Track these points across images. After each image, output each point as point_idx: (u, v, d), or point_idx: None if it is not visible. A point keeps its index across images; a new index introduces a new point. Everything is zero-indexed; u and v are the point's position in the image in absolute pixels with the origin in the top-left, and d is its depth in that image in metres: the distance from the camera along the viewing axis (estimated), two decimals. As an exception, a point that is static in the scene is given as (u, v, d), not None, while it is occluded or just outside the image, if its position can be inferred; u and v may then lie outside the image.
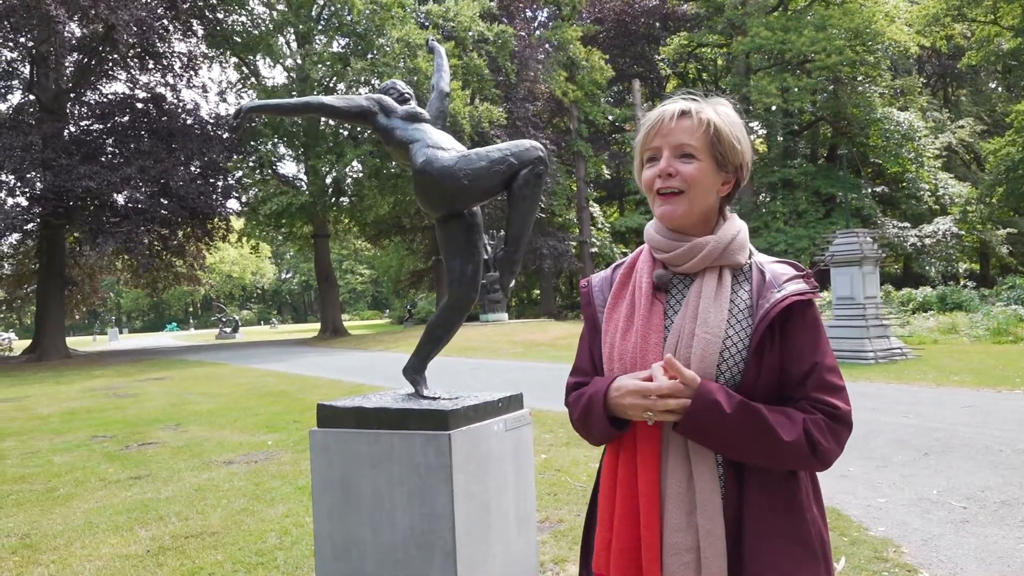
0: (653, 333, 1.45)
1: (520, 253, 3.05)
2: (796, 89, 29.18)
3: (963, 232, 29.60)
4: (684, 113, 1.46)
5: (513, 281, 3.22)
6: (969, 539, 4.03)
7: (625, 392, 1.39)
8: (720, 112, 1.49)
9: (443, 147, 2.98)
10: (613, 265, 1.64)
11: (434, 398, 2.98)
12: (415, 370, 3.14)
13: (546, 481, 5.39)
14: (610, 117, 36.44)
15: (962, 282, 25.04)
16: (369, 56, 27.84)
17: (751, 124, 32.56)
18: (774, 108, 29.95)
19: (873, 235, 14.29)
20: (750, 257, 1.51)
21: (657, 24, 37.30)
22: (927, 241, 28.96)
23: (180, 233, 27.88)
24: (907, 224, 30.15)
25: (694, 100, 1.49)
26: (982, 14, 27.86)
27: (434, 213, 3.01)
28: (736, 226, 1.51)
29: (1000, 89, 41.89)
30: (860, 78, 31.54)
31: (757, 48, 30.15)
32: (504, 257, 3.06)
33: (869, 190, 31.58)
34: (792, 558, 1.38)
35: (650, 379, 1.38)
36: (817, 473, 1.49)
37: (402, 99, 3.27)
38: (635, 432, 1.44)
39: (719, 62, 38.92)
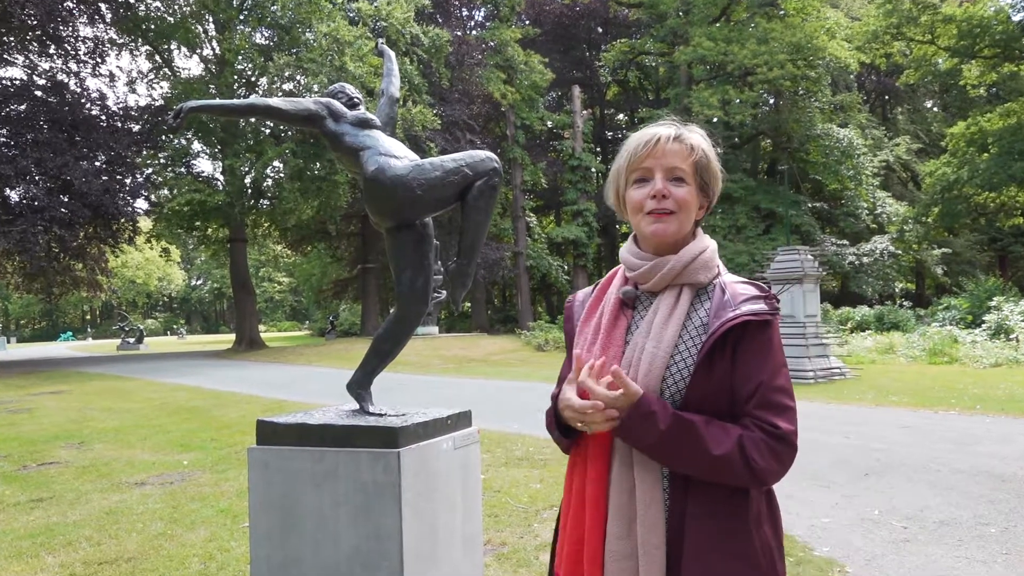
0: (613, 347, 1.58)
1: (473, 265, 3.11)
2: (738, 102, 30.08)
3: (900, 251, 31.04)
4: (676, 138, 1.58)
5: (464, 293, 3.28)
6: (911, 558, 4.28)
7: (565, 406, 1.53)
8: (703, 140, 1.62)
9: (395, 155, 3.00)
10: (597, 282, 1.76)
11: (380, 414, 3.01)
12: (360, 385, 3.16)
13: (487, 502, 5.44)
14: (548, 123, 36.70)
15: (898, 301, 26.25)
16: (294, 51, 27.47)
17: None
18: (715, 120, 30.84)
19: (814, 252, 14.88)
20: (716, 276, 1.59)
21: (599, 29, 37.94)
22: (865, 259, 30.22)
23: (81, 234, 26.81)
24: (845, 242, 31.39)
25: (676, 126, 1.61)
26: (919, 33, 29.30)
27: (384, 223, 3.04)
28: (701, 246, 1.60)
29: (936, 108, 44.14)
30: (801, 92, 32.74)
31: (699, 58, 30.96)
32: (456, 269, 3.10)
33: (808, 206, 32.72)
34: (730, 573, 1.45)
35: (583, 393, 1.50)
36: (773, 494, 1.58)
37: (351, 104, 3.29)
38: (587, 442, 1.57)
39: (661, 71, 39.78)
